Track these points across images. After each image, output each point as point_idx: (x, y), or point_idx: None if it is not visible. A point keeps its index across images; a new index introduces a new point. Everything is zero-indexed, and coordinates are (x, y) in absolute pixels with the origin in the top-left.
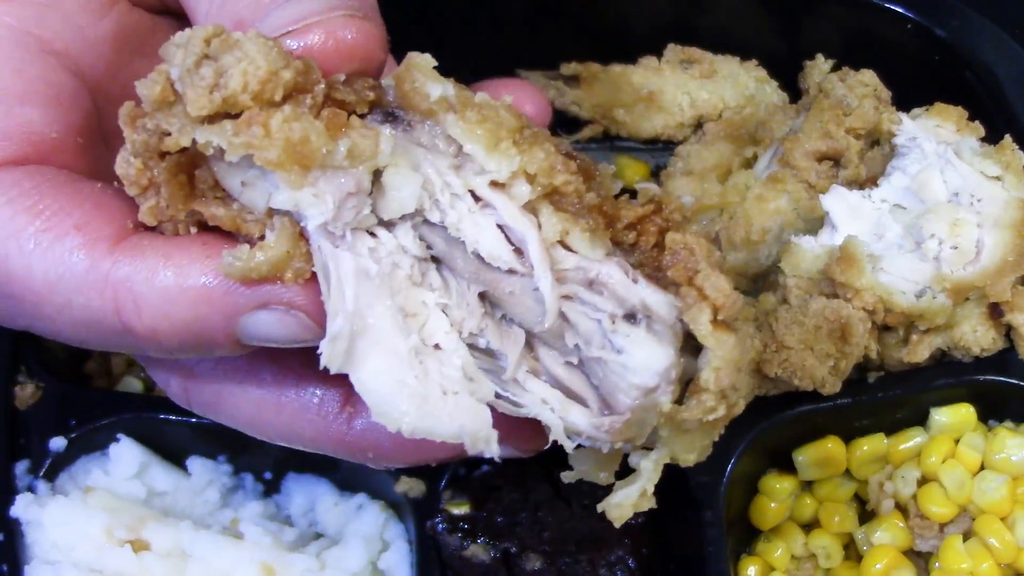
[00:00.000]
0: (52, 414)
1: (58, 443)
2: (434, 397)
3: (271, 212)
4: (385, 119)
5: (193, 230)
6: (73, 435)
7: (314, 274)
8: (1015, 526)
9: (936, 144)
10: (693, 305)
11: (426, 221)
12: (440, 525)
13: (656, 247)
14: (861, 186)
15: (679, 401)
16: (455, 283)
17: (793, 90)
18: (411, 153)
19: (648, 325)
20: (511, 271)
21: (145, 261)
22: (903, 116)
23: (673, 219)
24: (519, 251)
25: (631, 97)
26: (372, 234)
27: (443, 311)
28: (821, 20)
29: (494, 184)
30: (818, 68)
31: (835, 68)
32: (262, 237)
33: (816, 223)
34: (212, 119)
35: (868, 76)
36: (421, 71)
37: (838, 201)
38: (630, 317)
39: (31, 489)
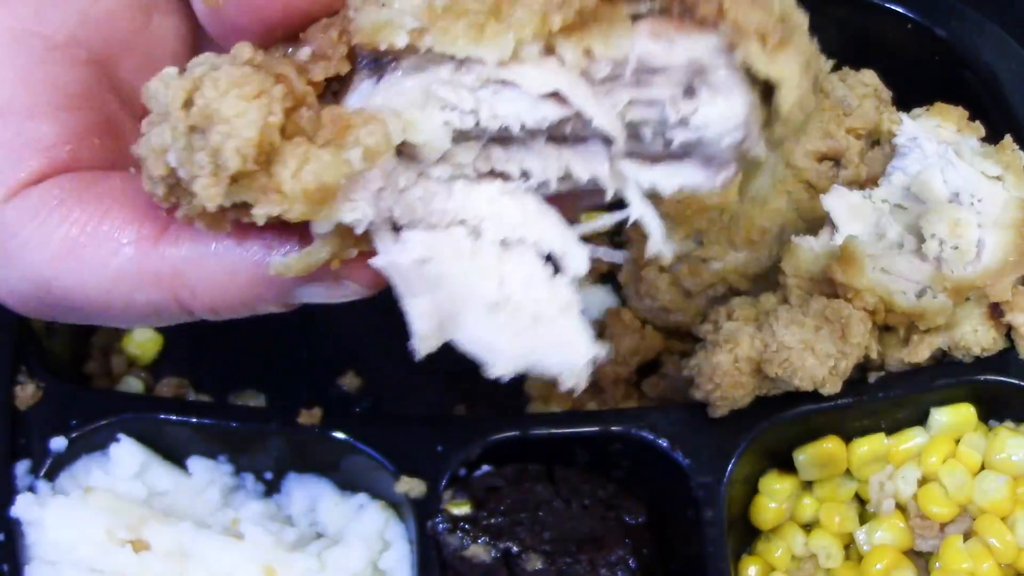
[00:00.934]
0: (53, 414)
1: (59, 443)
2: (532, 330)
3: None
4: (371, 71)
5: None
6: (74, 435)
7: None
8: (1016, 526)
9: (937, 144)
10: (739, 41)
11: (462, 133)
12: (441, 525)
13: None
14: (861, 186)
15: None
16: (523, 150)
17: None
18: (410, 91)
19: (709, 85)
20: (562, 121)
21: (193, 248)
22: (904, 116)
23: None
24: (558, 97)
25: None
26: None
27: (515, 192)
28: (821, 20)
29: (502, 64)
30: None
31: (835, 68)
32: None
33: (816, 223)
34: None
35: (869, 76)
36: (383, 4)
37: (838, 201)
38: (689, 91)
39: (32, 489)
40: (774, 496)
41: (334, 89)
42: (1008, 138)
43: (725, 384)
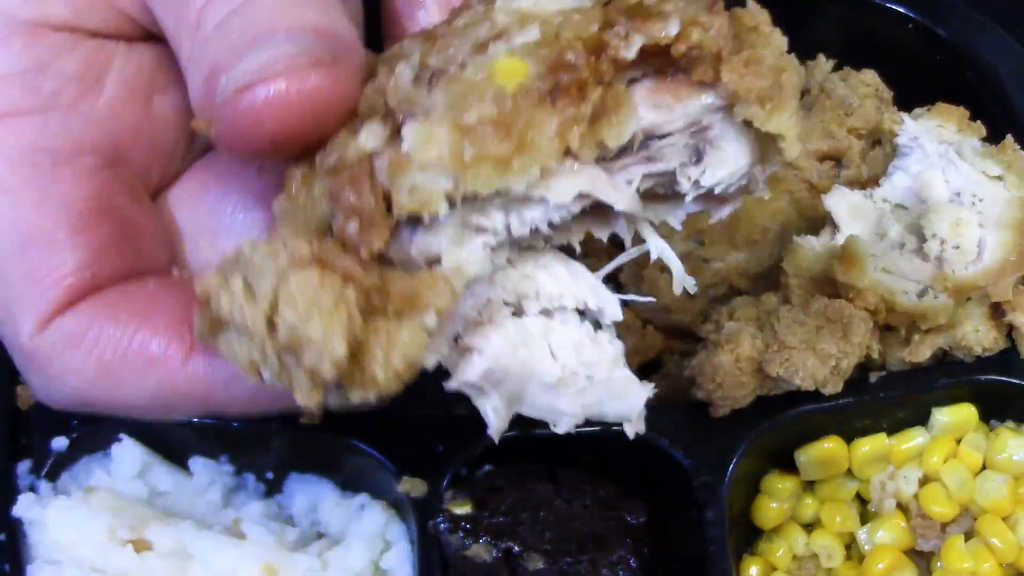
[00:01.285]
0: (54, 414)
1: (60, 443)
2: (587, 388)
3: None
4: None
5: None
6: (75, 435)
7: None
8: (1017, 526)
9: (938, 144)
10: (737, 101)
11: (498, 243)
12: (442, 525)
13: (665, 53)
14: (863, 186)
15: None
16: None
17: None
18: (448, 229)
19: (712, 144)
20: (584, 208)
21: (219, 369)
22: (905, 116)
23: (664, 41)
24: (581, 194)
25: None
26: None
27: (545, 264)
28: (823, 20)
29: (528, 187)
30: (819, 68)
31: (837, 68)
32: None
33: (818, 223)
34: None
35: (870, 76)
36: (415, 167)
37: (840, 201)
38: (695, 156)
39: (33, 489)
40: (775, 496)
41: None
42: (1009, 138)
43: (726, 384)
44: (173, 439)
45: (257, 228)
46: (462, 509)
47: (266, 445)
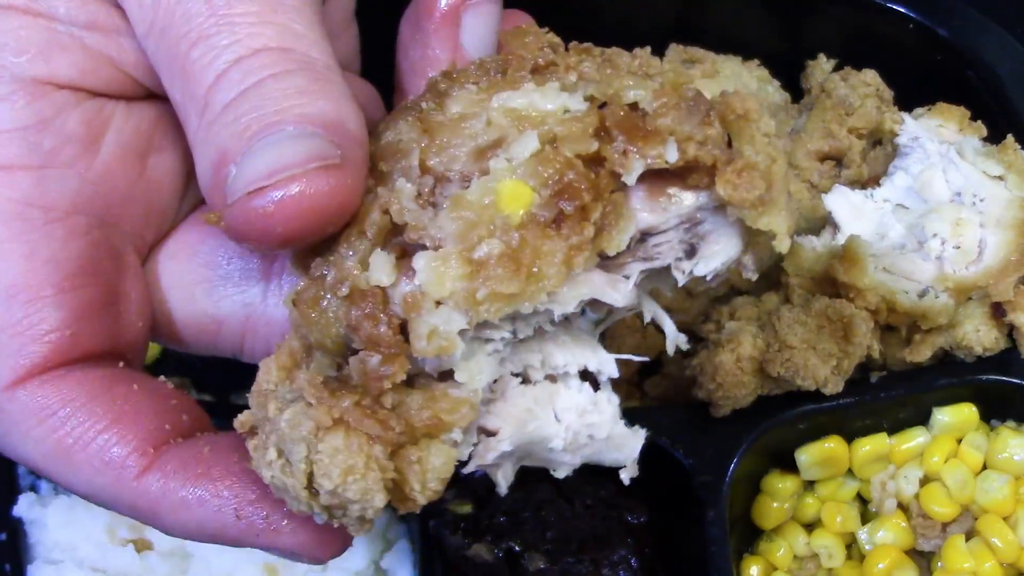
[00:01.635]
0: None
1: None
2: (589, 445)
3: None
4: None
5: None
6: None
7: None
8: (1017, 526)
9: (938, 144)
10: (731, 203)
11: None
12: (443, 525)
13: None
14: (863, 186)
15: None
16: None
17: (795, 90)
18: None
19: (704, 239)
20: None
21: (168, 495)
22: (905, 116)
23: (662, 165)
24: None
25: None
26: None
27: (550, 339)
28: (823, 20)
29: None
30: (820, 68)
31: (837, 68)
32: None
33: (819, 223)
34: None
35: (870, 76)
36: (431, 312)
37: (841, 201)
38: (689, 251)
39: (34, 488)
40: (776, 495)
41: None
42: (1010, 138)
43: (727, 384)
44: None
45: (253, 277)
46: (463, 509)
47: None
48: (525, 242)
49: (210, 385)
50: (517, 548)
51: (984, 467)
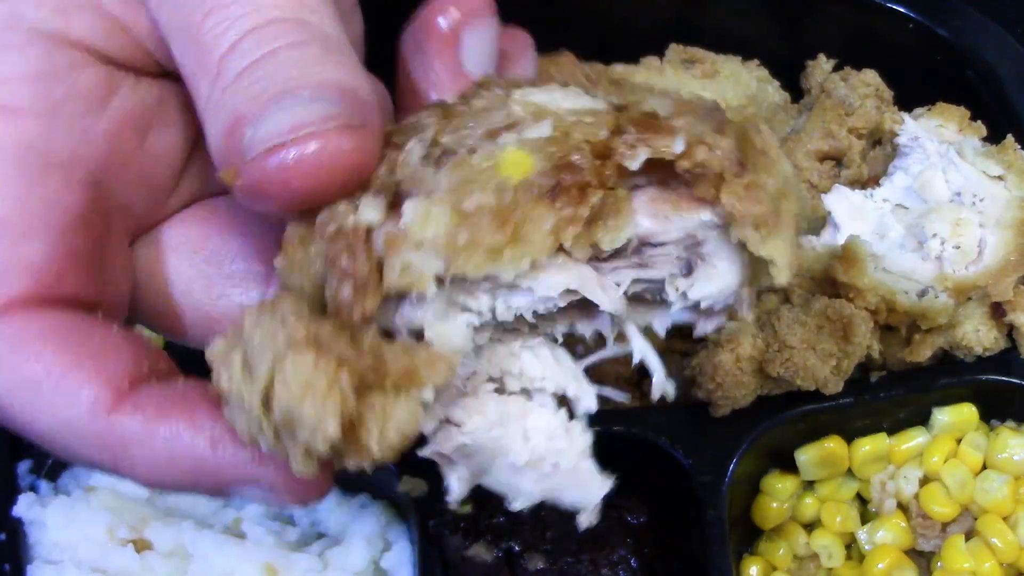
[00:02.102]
0: None
1: None
2: (551, 474)
3: None
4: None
5: None
6: None
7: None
8: (1017, 526)
9: (938, 144)
10: (733, 221)
11: (482, 324)
12: (442, 525)
13: (670, 167)
14: (863, 186)
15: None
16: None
17: (795, 90)
18: (434, 305)
19: (703, 259)
20: (571, 302)
21: (140, 428)
22: (905, 116)
23: (668, 157)
24: (572, 293)
25: None
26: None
27: (530, 347)
28: (823, 20)
29: (517, 277)
30: (820, 68)
31: (837, 68)
32: None
33: (818, 223)
34: None
35: (870, 76)
36: (410, 244)
37: (840, 201)
38: (686, 268)
39: (33, 489)
40: (776, 496)
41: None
42: (1010, 138)
43: (727, 383)
44: None
45: (256, 280)
46: (463, 509)
47: None
48: (517, 202)
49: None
50: (516, 548)
51: (984, 467)
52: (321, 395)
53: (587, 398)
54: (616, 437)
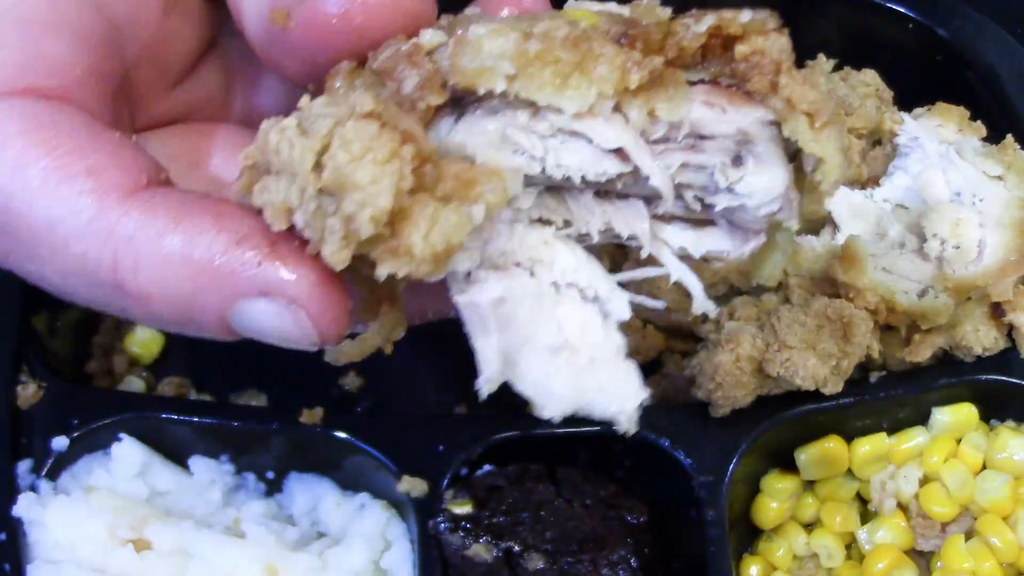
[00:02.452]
0: (54, 414)
1: (60, 442)
2: (588, 373)
3: None
4: (452, 109)
5: None
6: (75, 434)
7: (331, 275)
8: (1017, 526)
9: (938, 144)
10: (788, 117)
11: (528, 178)
12: (442, 524)
13: (726, 55)
14: (863, 186)
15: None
16: (571, 201)
17: None
18: (490, 132)
19: (755, 156)
20: (617, 177)
21: (156, 220)
22: (905, 116)
23: (734, 30)
24: (621, 153)
25: None
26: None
27: (565, 238)
28: (823, 20)
29: (577, 116)
30: (820, 68)
31: (837, 68)
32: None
33: (818, 223)
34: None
35: (870, 76)
36: (480, 49)
37: (840, 201)
38: (737, 160)
39: (33, 489)
40: (775, 495)
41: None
42: (1009, 138)
43: (727, 383)
44: (174, 438)
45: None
46: (462, 509)
47: (266, 444)
48: (588, 35)
49: (211, 385)
50: (516, 548)
51: (983, 467)
52: (380, 162)
53: (619, 303)
54: (616, 437)
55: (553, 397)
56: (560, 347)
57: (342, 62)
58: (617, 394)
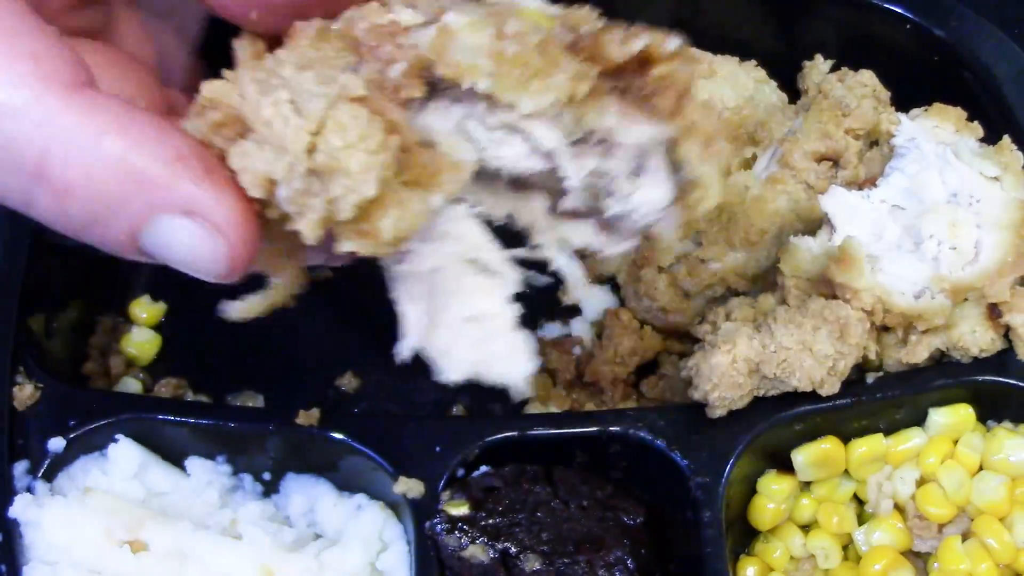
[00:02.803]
0: (51, 415)
1: (57, 444)
2: (487, 342)
3: None
4: (428, 95)
5: None
6: (72, 436)
7: (253, 214)
8: (1014, 527)
9: (935, 145)
10: (684, 139)
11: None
12: (439, 526)
13: (642, 71)
14: (860, 187)
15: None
16: (487, 185)
17: (792, 90)
18: (452, 119)
19: (649, 170)
20: (540, 172)
21: (97, 119)
22: (902, 117)
23: (659, 53)
24: (547, 153)
25: None
26: None
27: (475, 216)
28: (820, 20)
29: (526, 115)
30: (817, 69)
31: (834, 68)
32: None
33: (815, 224)
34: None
35: (867, 76)
36: (462, 45)
37: (837, 202)
38: (636, 171)
39: (30, 490)
40: (772, 496)
41: None
42: (1006, 139)
43: (723, 384)
44: (170, 439)
45: None
46: (459, 510)
47: (263, 445)
48: (550, 41)
49: (208, 386)
50: (513, 549)
51: (980, 468)
52: (372, 152)
53: (512, 277)
54: (613, 438)
55: (455, 362)
56: (470, 317)
57: (313, 19)
58: (510, 363)
